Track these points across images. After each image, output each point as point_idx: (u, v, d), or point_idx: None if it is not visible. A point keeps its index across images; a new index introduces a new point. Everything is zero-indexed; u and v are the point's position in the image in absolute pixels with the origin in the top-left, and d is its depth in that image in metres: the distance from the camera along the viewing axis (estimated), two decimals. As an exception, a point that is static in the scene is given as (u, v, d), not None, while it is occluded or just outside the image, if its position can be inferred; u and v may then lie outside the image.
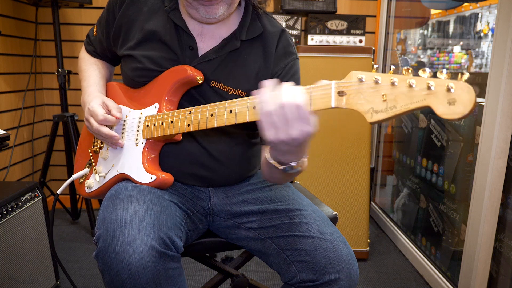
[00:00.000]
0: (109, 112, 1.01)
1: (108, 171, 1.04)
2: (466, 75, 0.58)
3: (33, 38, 2.41)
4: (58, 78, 2.20)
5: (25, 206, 1.46)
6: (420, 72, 0.62)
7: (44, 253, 1.57)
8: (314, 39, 2.24)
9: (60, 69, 2.19)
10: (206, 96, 1.00)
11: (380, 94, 0.65)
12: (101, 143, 1.09)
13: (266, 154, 0.84)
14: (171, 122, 0.92)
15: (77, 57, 2.49)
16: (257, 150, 1.12)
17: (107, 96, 1.13)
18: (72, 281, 1.27)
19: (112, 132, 0.99)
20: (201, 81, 0.96)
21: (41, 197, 1.56)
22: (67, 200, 2.51)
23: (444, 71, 0.60)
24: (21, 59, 2.34)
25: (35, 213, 1.52)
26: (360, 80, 0.67)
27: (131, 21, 1.03)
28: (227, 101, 0.83)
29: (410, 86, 0.62)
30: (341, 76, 0.70)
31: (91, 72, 1.14)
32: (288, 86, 0.72)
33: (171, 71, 0.98)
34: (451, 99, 0.58)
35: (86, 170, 1.11)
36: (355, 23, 2.24)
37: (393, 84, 0.63)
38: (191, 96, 1.01)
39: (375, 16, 2.57)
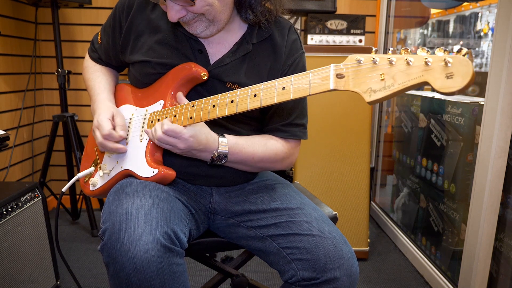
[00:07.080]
0: (114, 127, 1.02)
1: (113, 168, 1.06)
2: (465, 51, 0.57)
3: (33, 38, 2.41)
4: (58, 78, 2.20)
5: (25, 206, 1.46)
6: (419, 51, 0.62)
7: (44, 253, 1.57)
8: (314, 39, 2.24)
9: (60, 69, 2.19)
10: None
11: (378, 74, 0.65)
12: None
13: None
14: (175, 116, 0.94)
15: (77, 57, 2.51)
16: None
17: (115, 98, 1.15)
18: (76, 279, 1.27)
19: (117, 145, 1.01)
20: (205, 78, 0.98)
21: (41, 197, 1.56)
22: (67, 200, 2.51)
23: (443, 48, 0.59)
24: (21, 59, 2.34)
25: (35, 213, 1.52)
26: (359, 62, 0.68)
27: (140, 29, 1.05)
28: (229, 92, 0.86)
29: (408, 63, 0.62)
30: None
31: (98, 80, 1.16)
32: (159, 124, 0.90)
33: (177, 69, 1.00)
34: (449, 73, 0.58)
35: (92, 169, 1.13)
36: (355, 23, 2.24)
37: (390, 63, 0.64)
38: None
39: (375, 16, 2.57)
